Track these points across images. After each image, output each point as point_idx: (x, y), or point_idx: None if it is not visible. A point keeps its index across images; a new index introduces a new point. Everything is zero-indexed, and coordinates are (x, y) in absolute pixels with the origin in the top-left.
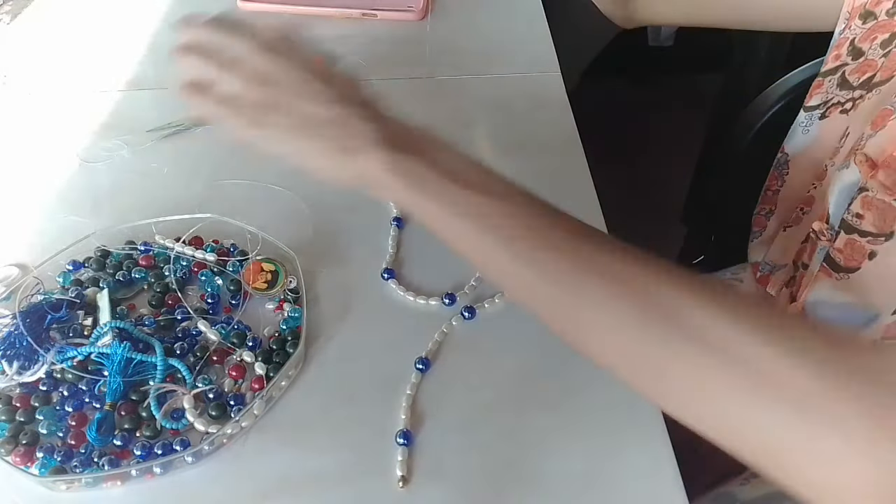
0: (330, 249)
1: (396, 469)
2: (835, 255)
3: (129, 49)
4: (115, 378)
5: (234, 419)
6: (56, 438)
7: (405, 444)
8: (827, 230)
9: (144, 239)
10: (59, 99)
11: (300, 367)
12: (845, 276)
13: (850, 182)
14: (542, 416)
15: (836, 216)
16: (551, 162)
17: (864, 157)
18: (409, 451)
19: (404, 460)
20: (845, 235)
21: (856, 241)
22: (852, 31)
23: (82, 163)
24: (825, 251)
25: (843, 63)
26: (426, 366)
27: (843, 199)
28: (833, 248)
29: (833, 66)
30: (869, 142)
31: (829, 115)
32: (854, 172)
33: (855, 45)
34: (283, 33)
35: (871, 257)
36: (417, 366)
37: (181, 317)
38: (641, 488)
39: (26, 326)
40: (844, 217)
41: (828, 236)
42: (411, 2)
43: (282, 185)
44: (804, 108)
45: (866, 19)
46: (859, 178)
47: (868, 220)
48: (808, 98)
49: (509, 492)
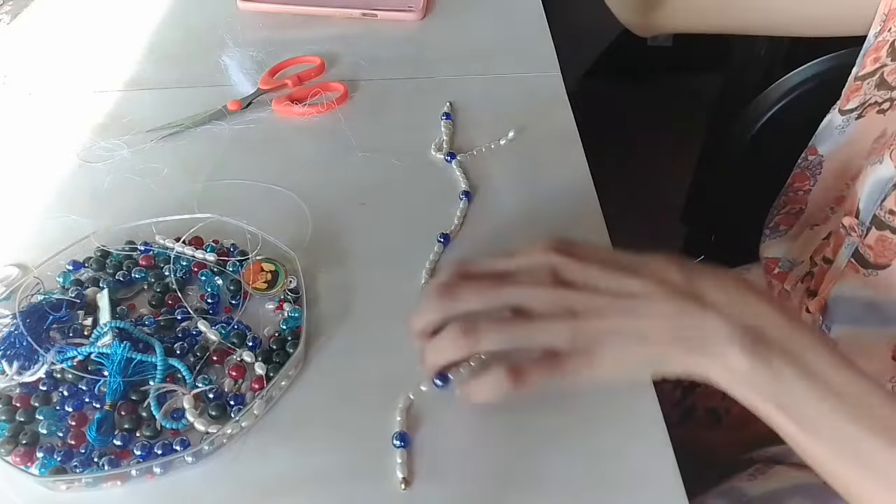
0: (330, 249)
1: (398, 471)
2: (864, 251)
3: (129, 49)
4: (115, 378)
5: (234, 419)
6: (56, 438)
7: (402, 445)
8: (857, 225)
9: (144, 239)
10: (58, 99)
11: (300, 367)
12: (874, 273)
13: (884, 177)
14: (542, 416)
15: (868, 211)
16: (551, 162)
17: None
18: (409, 451)
19: (404, 461)
20: (876, 231)
21: (887, 238)
22: (892, 33)
23: (82, 163)
24: (854, 246)
25: (882, 65)
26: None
27: (875, 193)
28: (863, 244)
29: (872, 69)
30: None
31: (865, 114)
32: (888, 167)
33: (895, 46)
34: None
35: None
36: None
37: (181, 317)
38: (641, 488)
39: (26, 326)
40: (877, 213)
41: (858, 231)
42: (411, 2)
43: (282, 185)
44: (840, 111)
45: None
46: (894, 173)
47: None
48: (845, 101)
49: (509, 492)
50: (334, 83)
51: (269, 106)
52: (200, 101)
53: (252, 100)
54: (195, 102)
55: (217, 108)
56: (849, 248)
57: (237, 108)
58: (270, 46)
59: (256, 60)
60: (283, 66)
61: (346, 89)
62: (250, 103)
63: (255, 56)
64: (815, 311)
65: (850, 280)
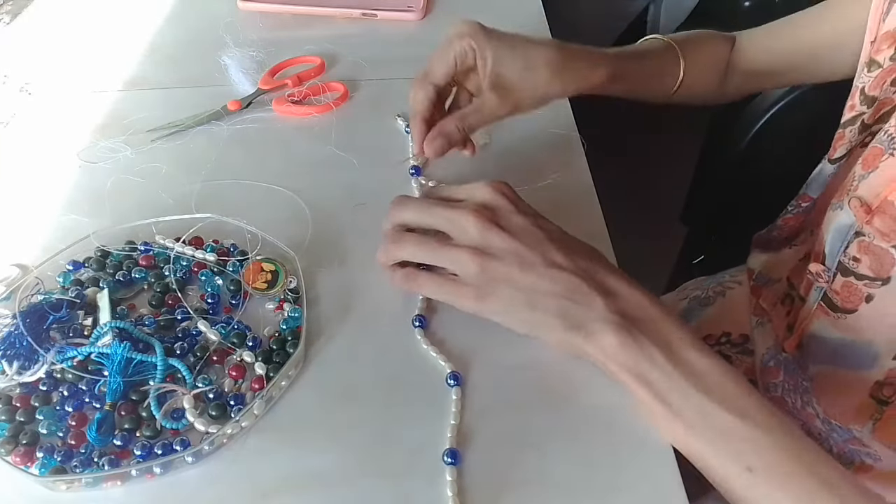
0: (330, 249)
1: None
2: (832, 296)
3: (129, 49)
4: (115, 378)
5: (234, 419)
6: (56, 438)
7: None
8: (824, 272)
9: (144, 239)
10: (58, 99)
11: (300, 367)
12: (843, 317)
13: (845, 224)
14: (542, 416)
15: (832, 257)
16: (551, 162)
17: (859, 201)
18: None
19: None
20: (842, 278)
21: (852, 284)
22: (861, 80)
23: (82, 163)
24: (822, 291)
25: (860, 112)
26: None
27: (837, 240)
28: (830, 289)
29: (851, 117)
30: (861, 183)
31: (851, 155)
32: (848, 215)
33: (866, 93)
34: (501, 190)
35: (868, 300)
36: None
37: (181, 317)
38: (641, 488)
39: (26, 326)
40: (841, 259)
41: (825, 277)
42: (411, 2)
43: (282, 185)
44: (829, 161)
45: (871, 68)
46: (854, 221)
47: (865, 263)
48: (833, 151)
49: (509, 492)
50: (334, 83)
51: (269, 106)
52: (200, 101)
53: (252, 100)
54: (195, 102)
55: (217, 108)
56: (818, 292)
57: (237, 108)
58: (270, 46)
59: (256, 60)
60: (283, 66)
61: (346, 89)
62: (250, 103)
63: (255, 56)
64: (791, 350)
65: (821, 321)
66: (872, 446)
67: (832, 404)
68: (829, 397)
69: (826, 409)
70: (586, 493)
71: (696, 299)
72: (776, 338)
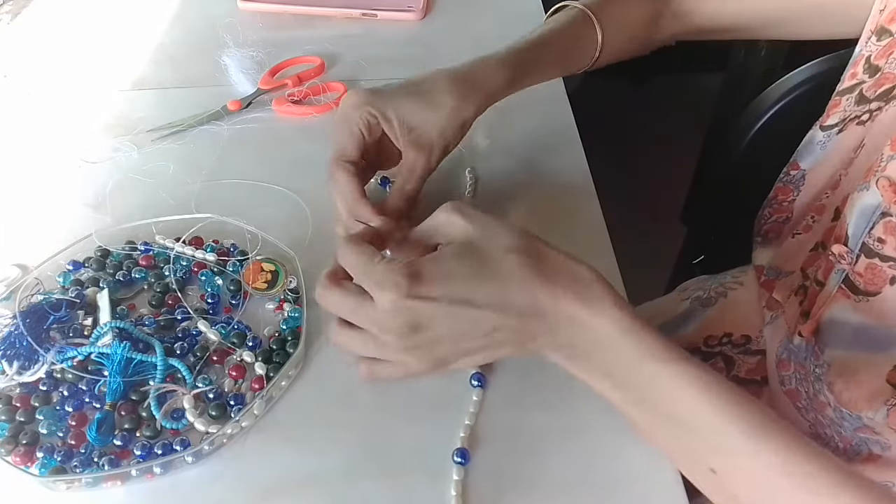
0: (330, 249)
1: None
2: (854, 278)
3: (130, 49)
4: (115, 378)
5: (234, 419)
6: (56, 438)
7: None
8: (847, 253)
9: (144, 239)
10: (59, 99)
11: (300, 367)
12: (864, 300)
13: (871, 204)
14: (542, 416)
15: (856, 238)
16: (551, 162)
17: (887, 181)
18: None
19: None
20: (866, 259)
21: (877, 266)
22: (868, 48)
23: (82, 163)
24: (844, 273)
25: (861, 81)
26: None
27: (862, 221)
28: (853, 271)
29: (850, 85)
30: (890, 164)
31: (845, 129)
32: (875, 195)
33: (871, 62)
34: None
35: (892, 282)
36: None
37: (181, 317)
38: (641, 489)
39: (26, 326)
40: (865, 241)
41: (848, 259)
42: (411, 2)
43: (282, 185)
44: (821, 128)
45: (881, 36)
46: (880, 201)
47: (890, 245)
48: (826, 117)
49: (508, 492)
50: (334, 83)
51: (270, 106)
52: (200, 101)
53: (252, 100)
54: (195, 102)
55: (217, 108)
56: (839, 275)
57: (237, 108)
58: (270, 46)
59: (256, 60)
60: (283, 66)
61: (346, 89)
62: (250, 103)
63: (255, 56)
64: (808, 334)
65: (841, 304)
66: (884, 433)
67: (845, 390)
68: (843, 383)
69: (839, 395)
70: (586, 492)
71: (697, 300)
72: (788, 328)
